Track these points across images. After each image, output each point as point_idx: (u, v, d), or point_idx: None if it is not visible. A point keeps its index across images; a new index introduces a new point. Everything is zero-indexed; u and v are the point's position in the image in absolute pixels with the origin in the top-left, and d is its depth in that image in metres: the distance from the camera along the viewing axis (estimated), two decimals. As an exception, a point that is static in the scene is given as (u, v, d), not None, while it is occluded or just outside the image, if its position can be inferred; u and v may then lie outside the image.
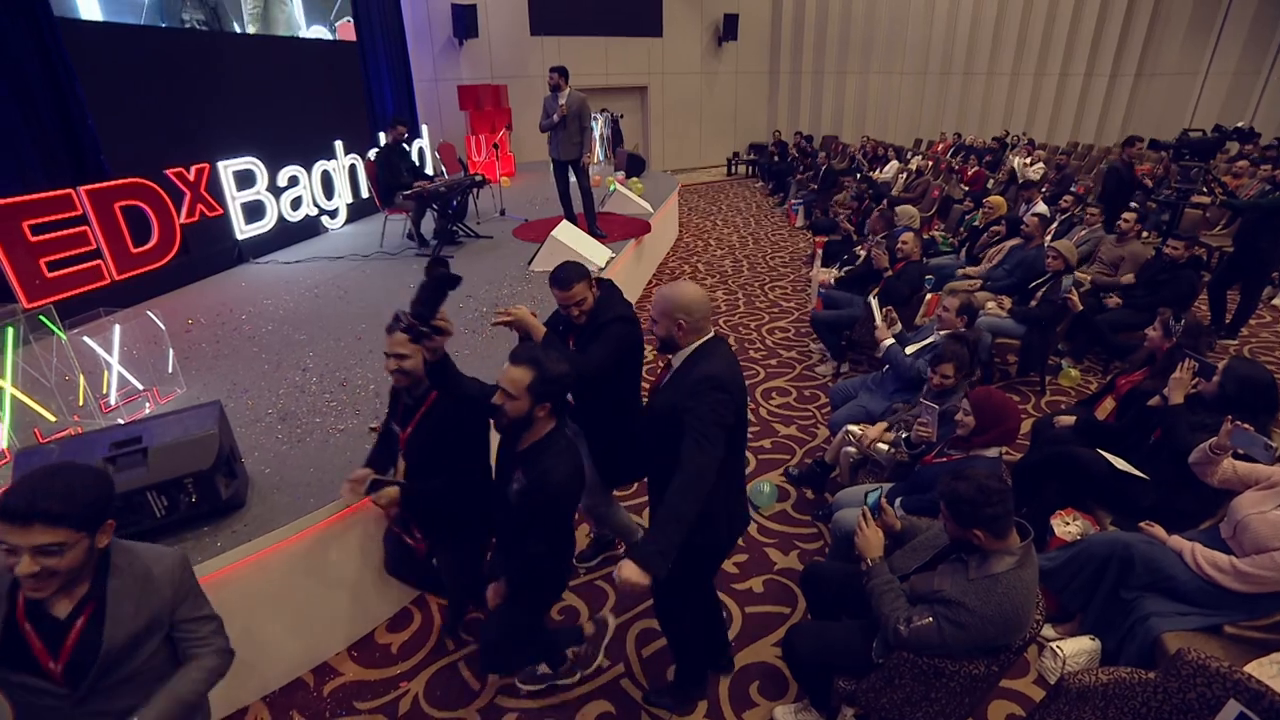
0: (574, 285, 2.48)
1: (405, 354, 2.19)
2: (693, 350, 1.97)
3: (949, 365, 2.99)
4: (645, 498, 3.32)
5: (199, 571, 2.28)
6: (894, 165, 10.73)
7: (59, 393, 3.24)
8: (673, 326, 1.94)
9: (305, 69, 7.62)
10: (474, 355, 4.09)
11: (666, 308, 1.93)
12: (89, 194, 4.72)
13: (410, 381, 2.26)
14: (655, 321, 1.98)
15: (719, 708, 2.50)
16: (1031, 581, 1.87)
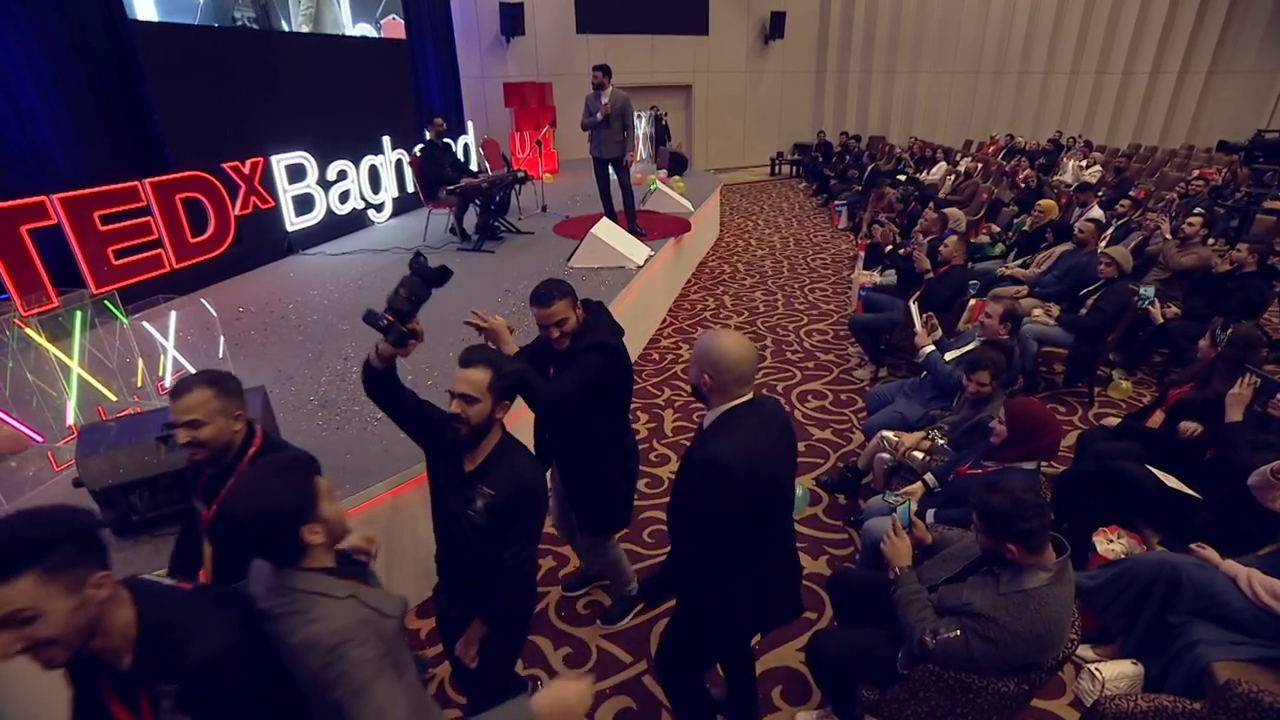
0: (554, 303, 2.23)
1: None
2: (719, 416, 1.74)
3: (984, 372, 2.91)
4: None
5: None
6: (942, 167, 10.47)
7: (120, 374, 3.41)
8: (700, 378, 1.75)
9: (356, 66, 7.83)
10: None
11: (698, 355, 1.75)
12: (153, 186, 4.94)
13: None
14: (692, 364, 1.82)
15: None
16: (1066, 599, 1.81)
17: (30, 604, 1.00)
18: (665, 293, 6.82)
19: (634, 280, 5.52)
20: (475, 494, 1.82)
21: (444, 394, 3.56)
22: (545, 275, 5.58)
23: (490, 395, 1.78)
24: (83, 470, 2.26)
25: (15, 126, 4.72)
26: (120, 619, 1.13)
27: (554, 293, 2.24)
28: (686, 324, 6.42)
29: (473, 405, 1.76)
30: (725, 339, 1.73)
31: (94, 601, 1.07)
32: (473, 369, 1.79)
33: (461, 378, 1.78)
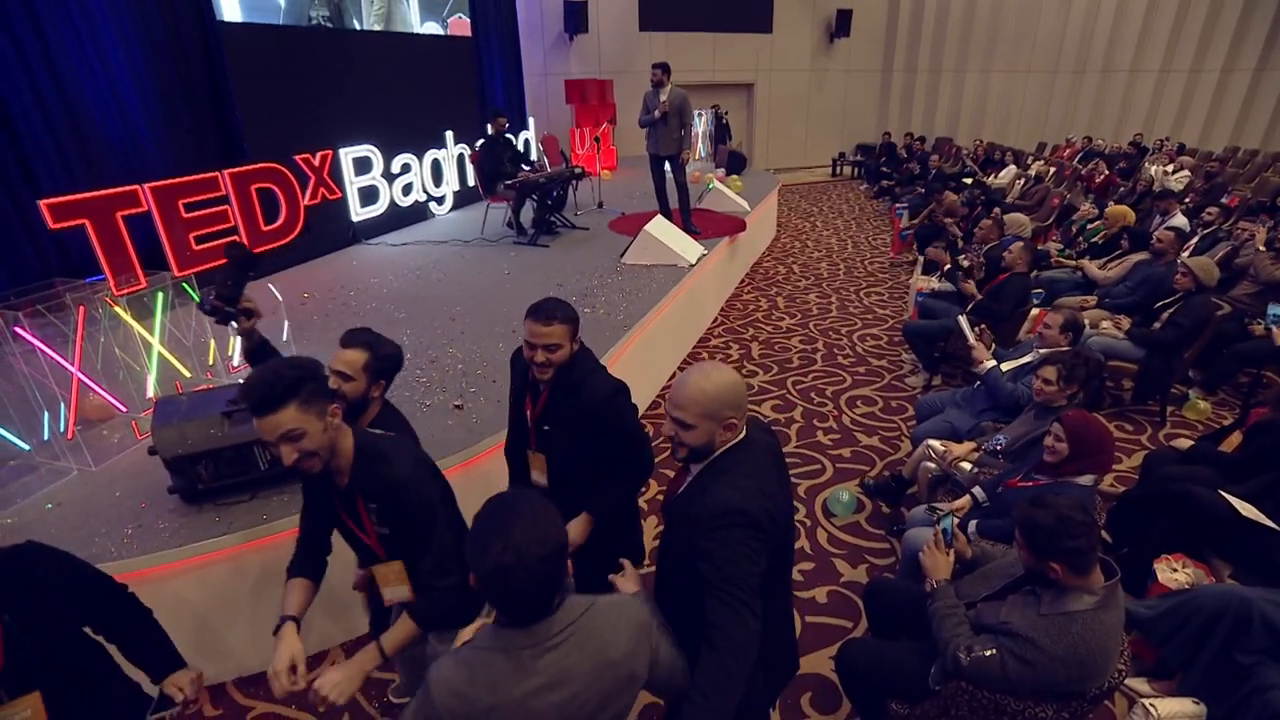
0: (554, 323, 1.93)
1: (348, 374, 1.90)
2: (715, 457, 1.54)
3: (1051, 369, 2.78)
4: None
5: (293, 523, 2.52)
6: (1011, 170, 10.04)
7: (194, 352, 3.64)
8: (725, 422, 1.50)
9: (422, 63, 8.07)
10: (558, 343, 4.21)
11: (709, 401, 1.48)
12: (231, 177, 5.24)
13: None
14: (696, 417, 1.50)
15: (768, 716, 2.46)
16: (1113, 626, 1.72)
17: (297, 425, 1.43)
18: (717, 292, 6.79)
19: (685, 278, 5.52)
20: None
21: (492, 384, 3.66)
22: (598, 271, 5.77)
23: (366, 375, 1.89)
24: (156, 440, 2.42)
25: (116, 120, 5.09)
26: (345, 444, 1.59)
27: (557, 313, 1.94)
28: (738, 324, 6.38)
29: (348, 383, 1.87)
30: (725, 374, 1.51)
31: (333, 426, 1.52)
32: (350, 349, 1.89)
33: (339, 357, 1.89)
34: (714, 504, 1.44)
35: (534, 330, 1.94)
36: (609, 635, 1.32)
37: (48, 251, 4.80)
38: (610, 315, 4.65)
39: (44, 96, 4.69)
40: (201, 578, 2.46)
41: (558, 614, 1.27)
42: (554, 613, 1.27)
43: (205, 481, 2.49)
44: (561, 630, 1.26)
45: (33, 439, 3.01)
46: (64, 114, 4.81)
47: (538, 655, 1.24)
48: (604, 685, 1.30)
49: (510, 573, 1.17)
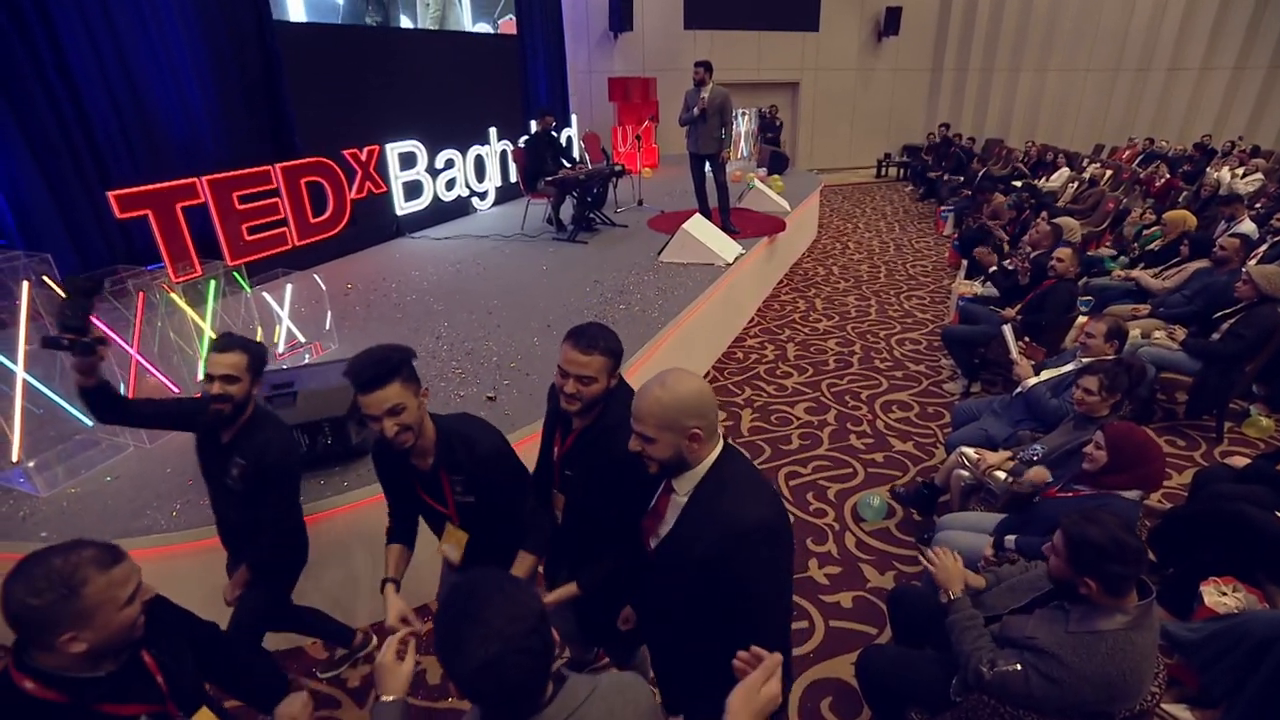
0: (594, 353, 1.71)
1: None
2: (709, 467, 1.44)
3: (1093, 379, 2.67)
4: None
5: (325, 505, 2.61)
6: (1064, 173, 9.68)
7: (242, 338, 3.78)
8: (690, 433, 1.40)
9: (468, 61, 8.22)
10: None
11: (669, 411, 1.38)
12: (283, 170, 5.44)
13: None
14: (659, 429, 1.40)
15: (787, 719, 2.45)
16: (1146, 647, 1.65)
17: (400, 400, 1.60)
18: (755, 292, 6.75)
19: (722, 277, 5.50)
20: (231, 464, 2.04)
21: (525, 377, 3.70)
22: (635, 268, 5.79)
23: (249, 375, 2.00)
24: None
25: (180, 115, 5.33)
26: (429, 425, 1.75)
27: (599, 342, 1.72)
28: (774, 325, 6.33)
29: (234, 384, 1.96)
30: (682, 380, 1.41)
31: (424, 405, 1.69)
32: (230, 353, 1.97)
33: (222, 362, 1.96)
34: (735, 526, 1.34)
35: (570, 358, 1.71)
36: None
37: (115, 239, 5.05)
38: (645, 312, 4.67)
39: (116, 93, 4.95)
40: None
41: (554, 705, 1.10)
42: (549, 704, 1.09)
43: (247, 462, 2.60)
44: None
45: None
46: (134, 110, 5.06)
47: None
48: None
49: (500, 664, 1.00)
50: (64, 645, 1.17)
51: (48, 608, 1.15)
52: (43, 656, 1.21)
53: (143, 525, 2.52)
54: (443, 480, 1.80)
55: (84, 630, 1.18)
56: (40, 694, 1.19)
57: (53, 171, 4.69)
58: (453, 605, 1.06)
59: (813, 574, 3.15)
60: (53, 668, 1.21)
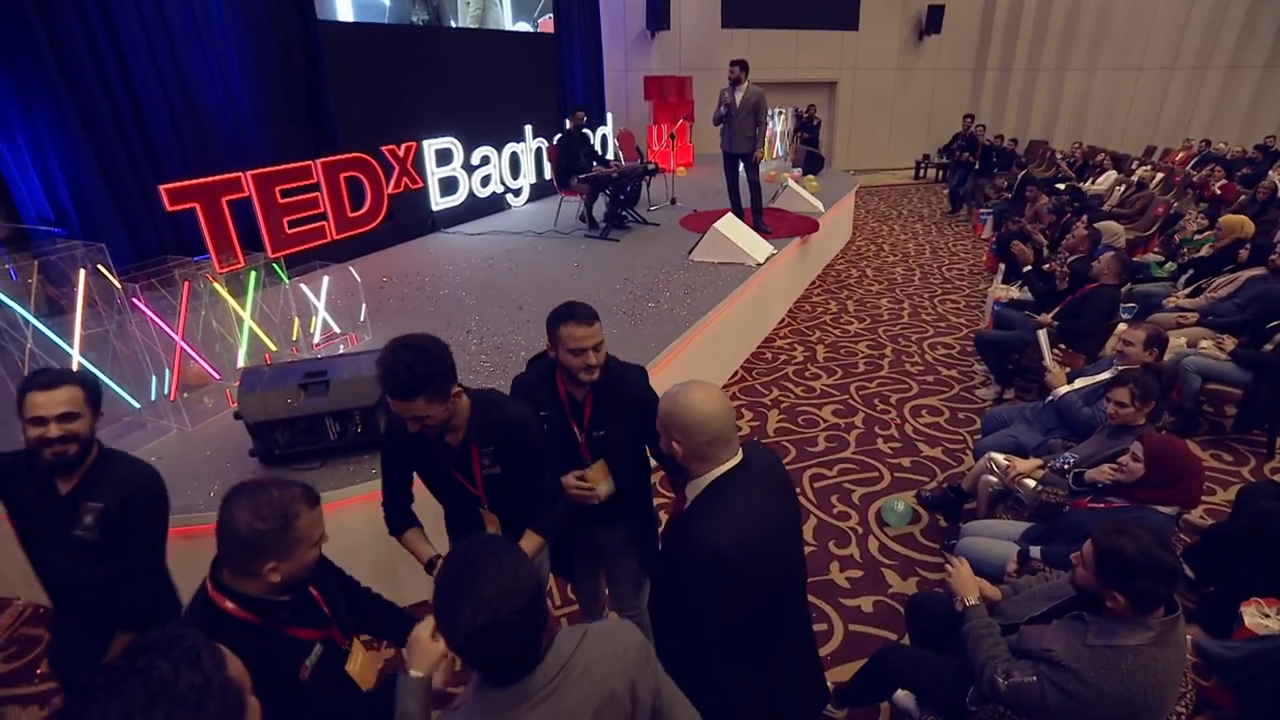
0: (596, 321, 1.90)
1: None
2: (705, 487, 1.47)
3: (1123, 390, 2.59)
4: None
5: (354, 492, 2.68)
6: (1110, 176, 9.36)
7: (280, 328, 3.91)
8: (669, 445, 1.48)
9: (505, 59, 8.33)
10: (620, 335, 4.26)
11: (662, 417, 1.48)
12: (323, 165, 5.60)
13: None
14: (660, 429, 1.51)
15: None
16: (1170, 665, 1.59)
17: (424, 411, 1.65)
18: (786, 293, 6.70)
19: (753, 277, 5.48)
20: (80, 512, 1.77)
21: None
22: (665, 266, 5.80)
23: (89, 409, 1.78)
24: (241, 405, 2.64)
25: (227, 112, 5.53)
26: (463, 404, 1.80)
27: (591, 311, 1.91)
28: (805, 326, 6.28)
29: (75, 421, 1.73)
30: (691, 394, 1.44)
31: (454, 404, 1.73)
32: (66, 387, 1.73)
33: (54, 400, 1.70)
34: (689, 544, 1.39)
35: (582, 333, 1.86)
36: (606, 668, 1.20)
37: (165, 231, 5.27)
38: (673, 311, 4.68)
39: (170, 94, 5.17)
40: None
41: (547, 659, 1.15)
42: (542, 659, 1.15)
43: (281, 447, 2.69)
44: (554, 676, 1.15)
45: (142, 398, 3.33)
46: (186, 109, 5.28)
47: (532, 708, 1.12)
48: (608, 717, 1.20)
49: (489, 635, 1.05)
50: (266, 572, 1.30)
51: (266, 534, 1.28)
52: (239, 581, 1.33)
53: (182, 504, 2.62)
54: (473, 453, 1.83)
55: (284, 561, 1.31)
56: (238, 614, 1.32)
57: (111, 167, 4.92)
58: (451, 574, 1.12)
59: (834, 577, 3.13)
60: (245, 592, 1.33)
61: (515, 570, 1.10)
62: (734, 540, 1.37)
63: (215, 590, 1.34)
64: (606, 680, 1.19)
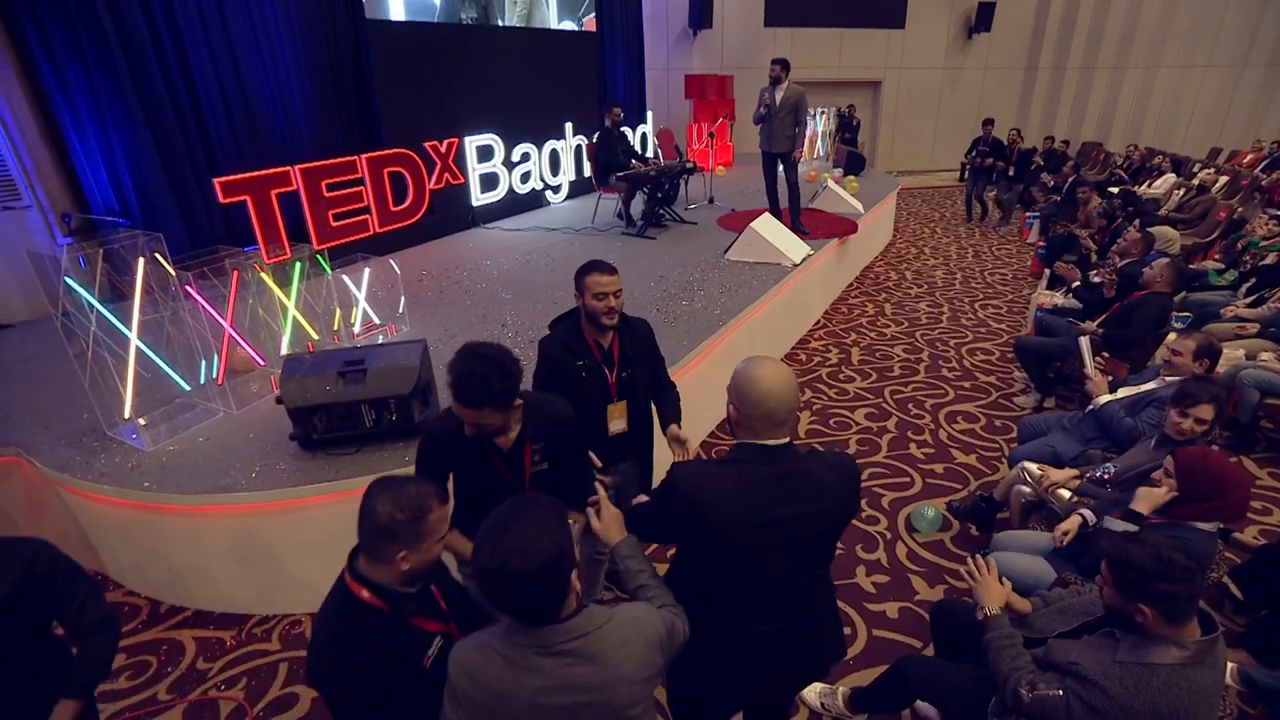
0: (615, 272, 2.26)
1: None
2: (733, 447, 1.59)
3: (1206, 407, 2.42)
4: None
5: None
6: (1169, 179, 8.98)
7: (322, 317, 4.05)
8: (728, 407, 1.58)
9: (548, 57, 8.42)
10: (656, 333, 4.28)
11: (731, 381, 1.56)
12: (368, 161, 5.75)
13: None
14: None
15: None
16: (1206, 688, 1.52)
17: (487, 421, 1.76)
18: (822, 294, 6.63)
19: (788, 277, 5.43)
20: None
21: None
22: (700, 265, 5.80)
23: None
24: (282, 391, 2.74)
25: (278, 108, 5.73)
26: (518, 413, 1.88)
27: (615, 268, 2.27)
28: (840, 328, 6.20)
29: None
30: (760, 368, 1.51)
31: (515, 411, 1.84)
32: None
33: None
34: (674, 475, 1.54)
35: (606, 280, 2.22)
36: (622, 655, 1.29)
37: (218, 221, 5.49)
38: (707, 309, 4.68)
39: (227, 91, 5.39)
40: (309, 517, 2.76)
41: (568, 623, 1.26)
42: (562, 620, 1.25)
43: (320, 432, 2.79)
44: (570, 640, 1.25)
45: (192, 382, 3.49)
46: (240, 105, 5.49)
47: (543, 657, 1.24)
48: (618, 696, 1.29)
49: (494, 579, 1.19)
50: (398, 560, 1.41)
51: (404, 524, 1.39)
52: (373, 568, 1.43)
53: (226, 484, 2.74)
54: (525, 450, 1.92)
55: (413, 551, 1.42)
56: (372, 602, 1.42)
57: (171, 161, 5.16)
58: (498, 513, 1.26)
59: (859, 581, 3.10)
60: (378, 580, 1.43)
61: (539, 538, 1.21)
62: (696, 485, 1.50)
63: (353, 579, 1.44)
64: (620, 667, 1.28)
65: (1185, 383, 2.61)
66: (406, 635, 1.46)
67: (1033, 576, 2.38)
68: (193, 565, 2.93)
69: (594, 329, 2.32)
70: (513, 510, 1.26)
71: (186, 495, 2.71)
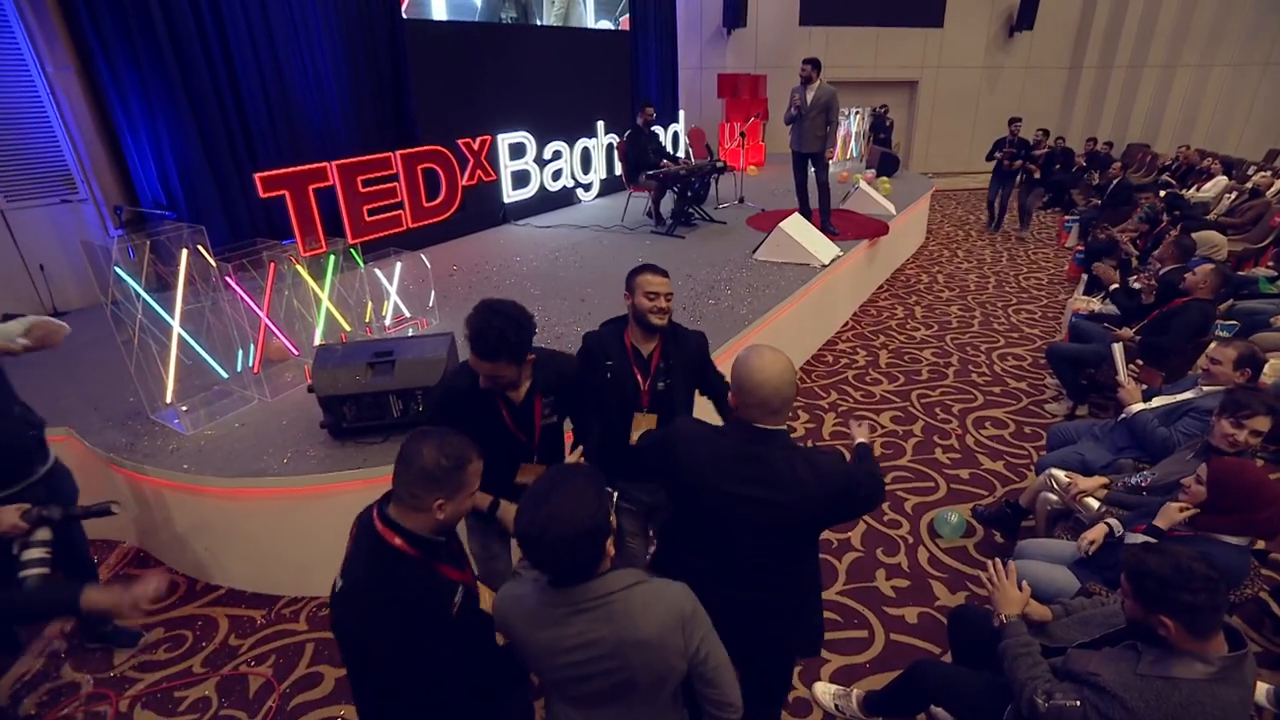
0: (667, 275, 2.25)
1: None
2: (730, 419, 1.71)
3: (1263, 419, 2.31)
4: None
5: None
6: (1219, 182, 8.64)
7: (354, 309, 4.15)
8: (729, 392, 1.69)
9: (581, 56, 8.48)
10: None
11: (732, 369, 1.66)
12: (402, 157, 5.88)
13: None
14: None
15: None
16: (1231, 705, 1.48)
17: (501, 372, 1.85)
18: (851, 296, 6.56)
19: (816, 278, 5.40)
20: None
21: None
22: (728, 264, 5.79)
23: None
24: (314, 379, 2.83)
25: (317, 105, 5.89)
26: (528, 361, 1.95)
27: (666, 271, 2.27)
28: (869, 330, 6.14)
29: None
30: (756, 358, 1.59)
31: (528, 365, 1.93)
32: None
33: None
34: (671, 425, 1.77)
35: (657, 281, 2.20)
36: (639, 618, 1.35)
37: (257, 214, 5.67)
38: (733, 309, 4.68)
39: (269, 89, 5.57)
40: (337, 503, 2.84)
41: (594, 583, 1.34)
42: (591, 580, 1.34)
43: (349, 420, 2.87)
44: (594, 599, 1.34)
45: (230, 369, 3.61)
46: (281, 103, 5.66)
47: (568, 613, 1.34)
48: (632, 659, 1.35)
49: (532, 543, 1.29)
50: (435, 509, 1.46)
51: (447, 471, 1.45)
52: (407, 515, 1.48)
53: (259, 468, 2.84)
54: (535, 404, 2.00)
55: (449, 501, 1.47)
56: (404, 548, 1.47)
57: (215, 156, 5.34)
58: (540, 481, 1.35)
59: (879, 584, 3.07)
60: (411, 528, 1.48)
61: (577, 507, 1.29)
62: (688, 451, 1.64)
63: (385, 526, 1.48)
64: (635, 629, 1.34)
65: (1235, 392, 2.49)
66: (436, 582, 1.50)
67: (1055, 585, 2.34)
68: (227, 546, 3.04)
69: (639, 332, 2.27)
70: (554, 479, 1.34)
71: (223, 478, 2.82)
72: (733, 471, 1.58)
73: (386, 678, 1.40)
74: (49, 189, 4.83)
